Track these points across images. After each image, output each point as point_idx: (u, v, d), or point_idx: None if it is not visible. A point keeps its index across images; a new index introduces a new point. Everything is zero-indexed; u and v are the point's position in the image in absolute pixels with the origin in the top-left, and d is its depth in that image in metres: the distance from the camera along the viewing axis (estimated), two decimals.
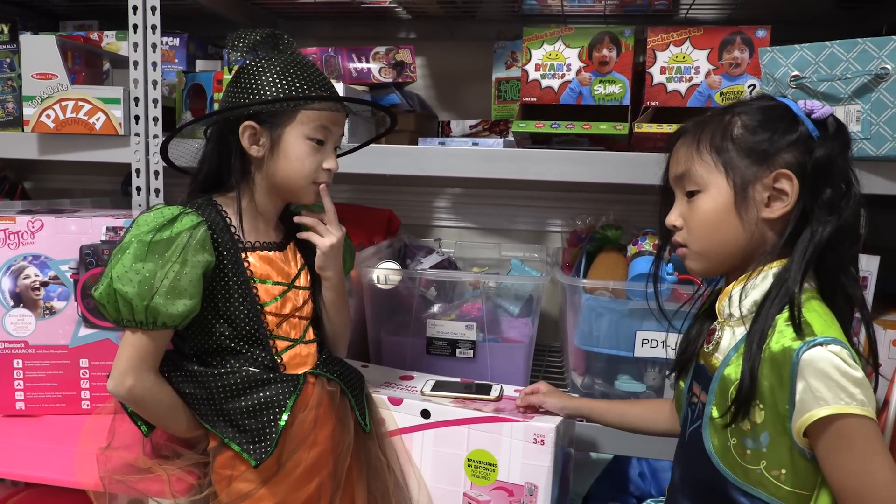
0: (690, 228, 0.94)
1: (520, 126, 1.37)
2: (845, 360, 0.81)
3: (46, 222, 1.29)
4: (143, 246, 0.97)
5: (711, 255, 0.94)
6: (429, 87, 1.90)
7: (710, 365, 0.94)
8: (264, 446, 1.02)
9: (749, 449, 0.87)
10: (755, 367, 0.85)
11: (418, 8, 1.75)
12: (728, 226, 0.91)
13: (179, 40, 1.69)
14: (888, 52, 1.09)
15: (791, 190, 0.88)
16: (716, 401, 0.91)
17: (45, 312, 1.30)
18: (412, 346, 1.46)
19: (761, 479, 0.87)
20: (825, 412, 0.80)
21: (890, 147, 1.11)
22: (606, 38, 1.39)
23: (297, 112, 1.05)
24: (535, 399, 1.19)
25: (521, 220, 1.90)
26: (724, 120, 0.92)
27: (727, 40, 1.33)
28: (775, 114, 0.91)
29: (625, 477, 1.68)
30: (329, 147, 1.09)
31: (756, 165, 0.89)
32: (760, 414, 0.85)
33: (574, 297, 1.38)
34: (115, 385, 0.99)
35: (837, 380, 0.80)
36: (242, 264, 1.06)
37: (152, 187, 1.43)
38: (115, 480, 1.03)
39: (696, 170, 0.92)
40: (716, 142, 0.91)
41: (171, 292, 0.97)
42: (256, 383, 1.04)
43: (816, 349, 0.81)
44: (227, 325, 1.05)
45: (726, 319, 0.93)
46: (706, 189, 0.92)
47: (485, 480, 1.16)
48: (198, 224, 1.01)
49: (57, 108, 1.38)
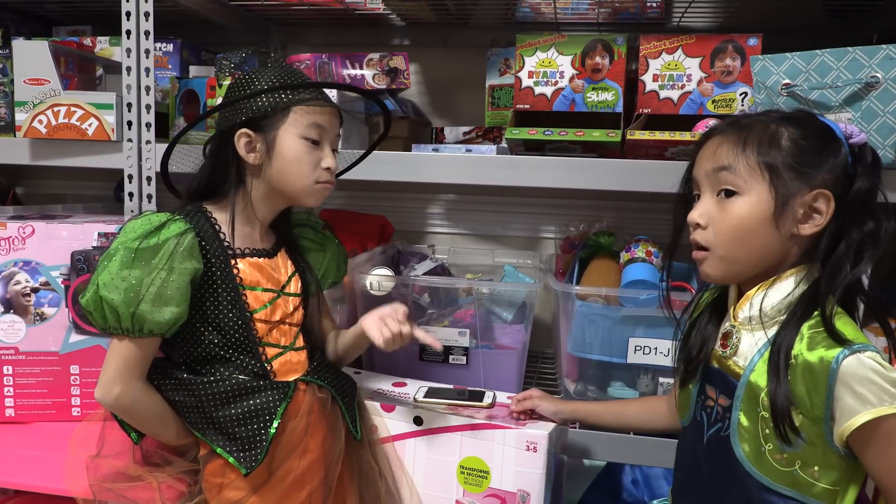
0: (719, 231, 0.92)
1: (513, 133, 1.37)
2: (882, 365, 0.83)
3: (37, 228, 1.29)
4: (129, 253, 0.96)
5: (736, 262, 0.92)
6: (422, 93, 1.91)
7: (730, 370, 0.94)
8: (254, 454, 1.01)
9: (786, 453, 0.88)
10: (788, 390, 0.85)
11: (412, 15, 1.75)
12: (761, 235, 0.90)
13: (173, 46, 1.69)
14: (878, 61, 1.10)
15: (827, 210, 0.88)
16: (743, 407, 0.91)
17: (35, 318, 1.29)
18: (405, 352, 1.45)
19: (796, 478, 0.88)
20: (872, 415, 0.82)
21: (881, 155, 1.12)
22: (599, 46, 1.39)
23: (288, 112, 1.05)
24: (529, 404, 1.19)
25: (515, 226, 1.90)
26: (771, 128, 0.91)
27: (719, 48, 1.34)
28: (821, 133, 0.91)
29: (618, 484, 1.68)
30: (326, 146, 1.09)
31: (799, 181, 0.89)
32: (798, 418, 0.86)
33: (567, 303, 1.38)
34: (102, 394, 0.99)
35: (880, 383, 0.82)
36: (232, 271, 1.05)
37: (145, 193, 1.42)
38: (105, 489, 1.02)
39: (740, 169, 0.90)
40: (763, 148, 0.90)
41: (158, 299, 0.96)
42: (246, 391, 1.03)
43: (856, 356, 0.82)
44: (216, 333, 1.04)
45: (743, 323, 0.94)
46: (745, 193, 0.90)
47: (477, 488, 1.16)
48: (185, 231, 1.00)
49: (49, 113, 1.38)
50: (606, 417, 1.20)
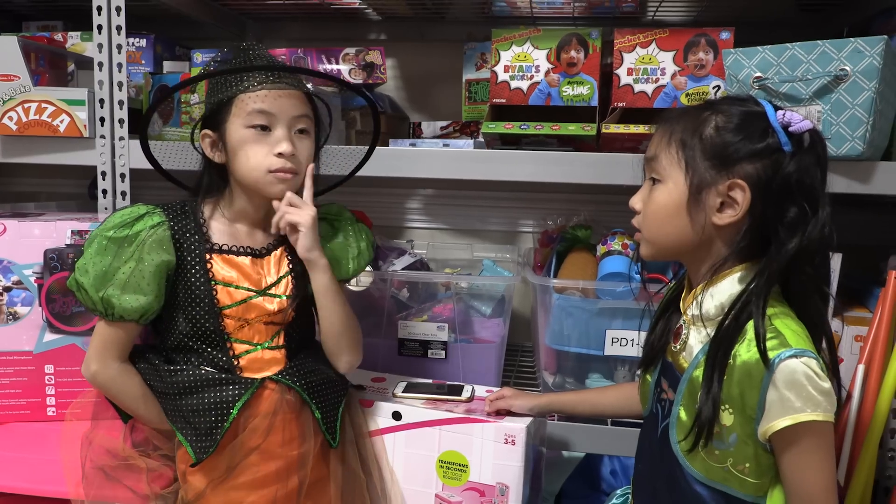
0: (645, 215, 0.95)
1: (489, 127, 1.38)
2: (816, 372, 0.83)
3: (9, 226, 1.27)
4: (103, 241, 1.02)
5: (658, 245, 0.95)
6: (399, 88, 1.90)
7: (678, 364, 0.96)
8: (206, 445, 1.03)
9: (717, 450, 0.88)
10: (717, 399, 0.86)
11: (388, 9, 1.74)
12: (677, 222, 0.91)
13: (146, 41, 1.67)
14: (847, 54, 1.11)
15: (742, 201, 0.87)
16: (683, 402, 0.92)
17: (8, 318, 1.27)
18: (384, 347, 1.46)
19: (727, 475, 0.88)
20: (793, 420, 0.82)
21: (849, 147, 1.14)
22: (574, 40, 1.40)
23: (231, 103, 1.04)
24: (503, 403, 1.19)
25: (493, 220, 1.91)
26: (701, 117, 0.91)
27: (692, 42, 1.35)
28: (749, 120, 0.88)
29: (597, 475, 1.69)
30: (279, 131, 1.04)
31: (715, 170, 0.88)
32: (729, 417, 0.87)
33: (545, 296, 1.39)
34: (83, 368, 1.07)
35: (808, 390, 0.82)
36: (206, 265, 1.06)
37: (118, 190, 1.41)
38: (96, 466, 1.05)
39: (661, 158, 0.92)
40: (685, 137, 0.90)
41: (126, 287, 1.02)
42: (208, 383, 1.05)
43: (791, 360, 0.82)
44: (185, 324, 1.07)
45: (691, 320, 0.95)
46: (665, 181, 0.92)
47: (456, 481, 1.17)
48: (158, 224, 1.05)
49: (20, 109, 1.36)
50: (583, 407, 1.21)
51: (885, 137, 1.22)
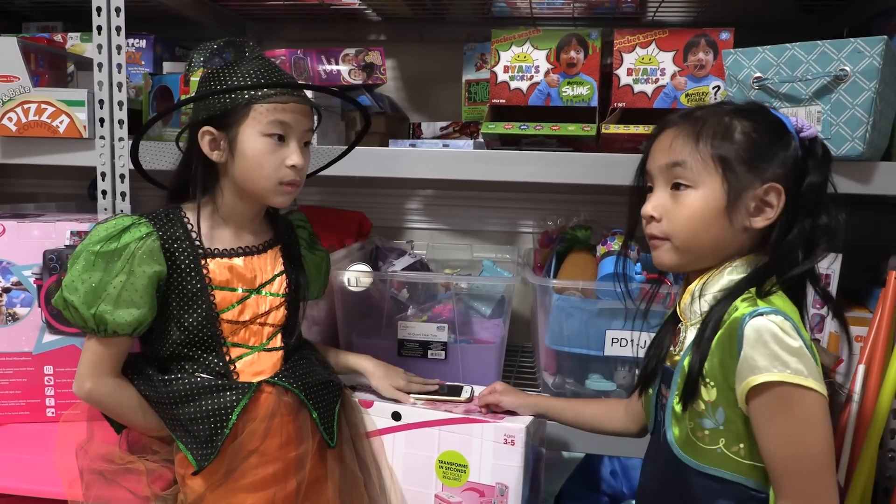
0: (674, 222, 0.92)
1: (489, 128, 1.38)
2: (783, 329, 0.82)
3: (8, 227, 1.27)
4: (90, 256, 0.99)
5: (693, 252, 0.93)
6: (399, 89, 1.90)
7: (673, 363, 0.96)
8: (207, 453, 1.02)
9: (707, 429, 0.88)
10: (706, 350, 0.87)
11: (388, 10, 1.75)
12: (715, 227, 0.90)
13: (146, 42, 1.67)
14: (846, 54, 1.11)
15: (778, 203, 0.89)
16: (677, 392, 0.92)
17: (7, 319, 1.27)
18: (384, 348, 1.45)
19: (722, 458, 0.88)
20: (760, 379, 0.82)
21: (849, 147, 1.14)
22: (574, 41, 1.40)
23: (249, 108, 1.02)
24: (492, 398, 1.19)
25: (493, 221, 1.91)
26: (725, 121, 0.91)
27: (692, 42, 1.35)
28: (773, 127, 0.91)
29: (597, 475, 1.69)
30: (292, 143, 1.05)
31: (751, 174, 0.89)
32: (711, 392, 0.87)
33: (544, 297, 1.39)
34: (76, 388, 1.03)
35: (772, 348, 0.82)
36: (202, 271, 1.05)
37: (118, 191, 1.41)
38: (95, 473, 1.04)
39: (691, 164, 0.91)
40: (716, 141, 0.90)
41: (118, 301, 0.99)
42: (204, 390, 1.04)
43: (758, 318, 0.83)
44: (179, 332, 1.05)
45: (689, 318, 0.94)
46: (697, 186, 0.91)
47: (456, 482, 1.16)
48: (147, 235, 1.02)
49: (19, 110, 1.36)
50: (567, 415, 1.20)
51: (885, 138, 1.22)
